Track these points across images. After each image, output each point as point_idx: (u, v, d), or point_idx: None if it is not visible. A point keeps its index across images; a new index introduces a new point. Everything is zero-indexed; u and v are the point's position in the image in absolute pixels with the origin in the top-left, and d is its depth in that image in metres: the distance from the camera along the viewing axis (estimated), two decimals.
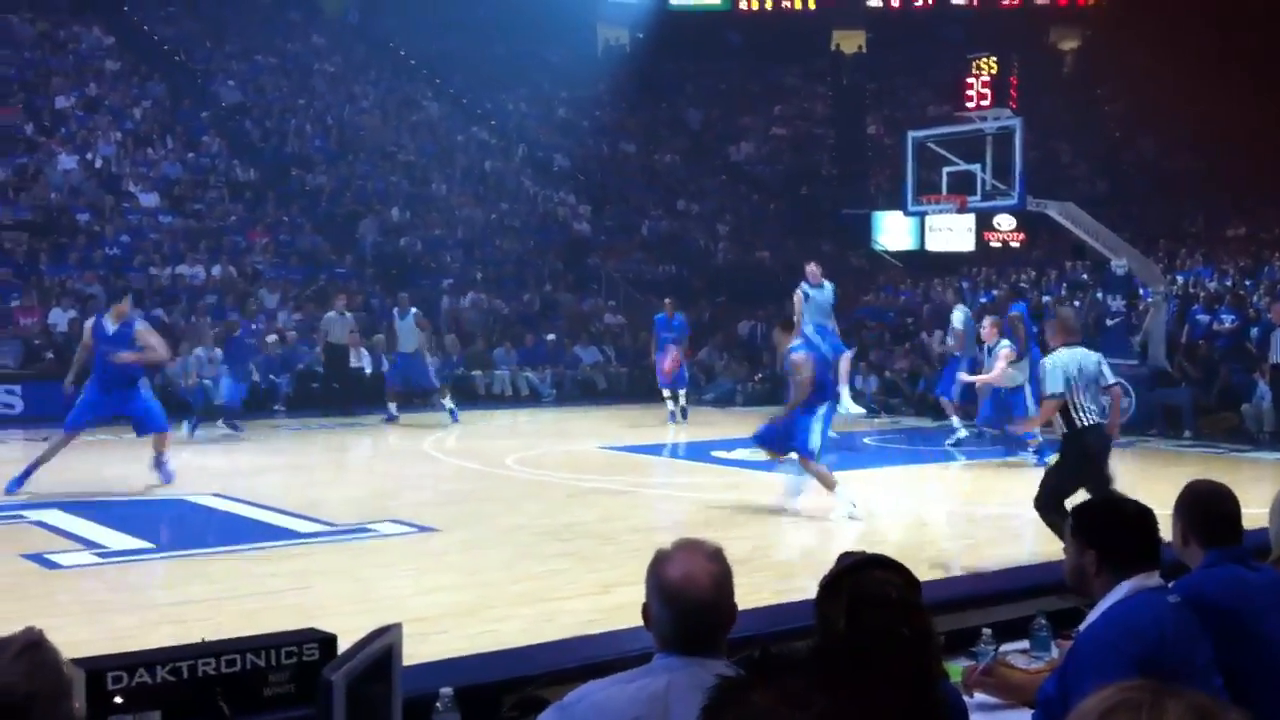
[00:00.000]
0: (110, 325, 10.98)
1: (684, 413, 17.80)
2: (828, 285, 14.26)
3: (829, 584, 2.62)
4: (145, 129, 25.79)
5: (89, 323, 11.54)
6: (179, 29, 30.83)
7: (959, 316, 15.54)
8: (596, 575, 7.94)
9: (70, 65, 26.90)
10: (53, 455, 10.93)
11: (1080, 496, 7.19)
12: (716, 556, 2.79)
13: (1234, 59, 33.59)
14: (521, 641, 5.61)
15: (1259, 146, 31.68)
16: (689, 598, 2.68)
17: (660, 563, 2.77)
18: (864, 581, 2.56)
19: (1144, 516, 3.32)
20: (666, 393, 17.95)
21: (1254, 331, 17.43)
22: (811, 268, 14.33)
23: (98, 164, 24.00)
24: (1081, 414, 7.68)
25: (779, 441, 10.01)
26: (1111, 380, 8.04)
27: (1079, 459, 7.76)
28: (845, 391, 14.63)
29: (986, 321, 13.98)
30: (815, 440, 9.73)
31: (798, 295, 14.02)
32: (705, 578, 2.72)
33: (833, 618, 2.53)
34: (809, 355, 10.05)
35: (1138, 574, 3.20)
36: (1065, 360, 7.76)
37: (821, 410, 9.96)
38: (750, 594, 6.78)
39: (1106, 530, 3.28)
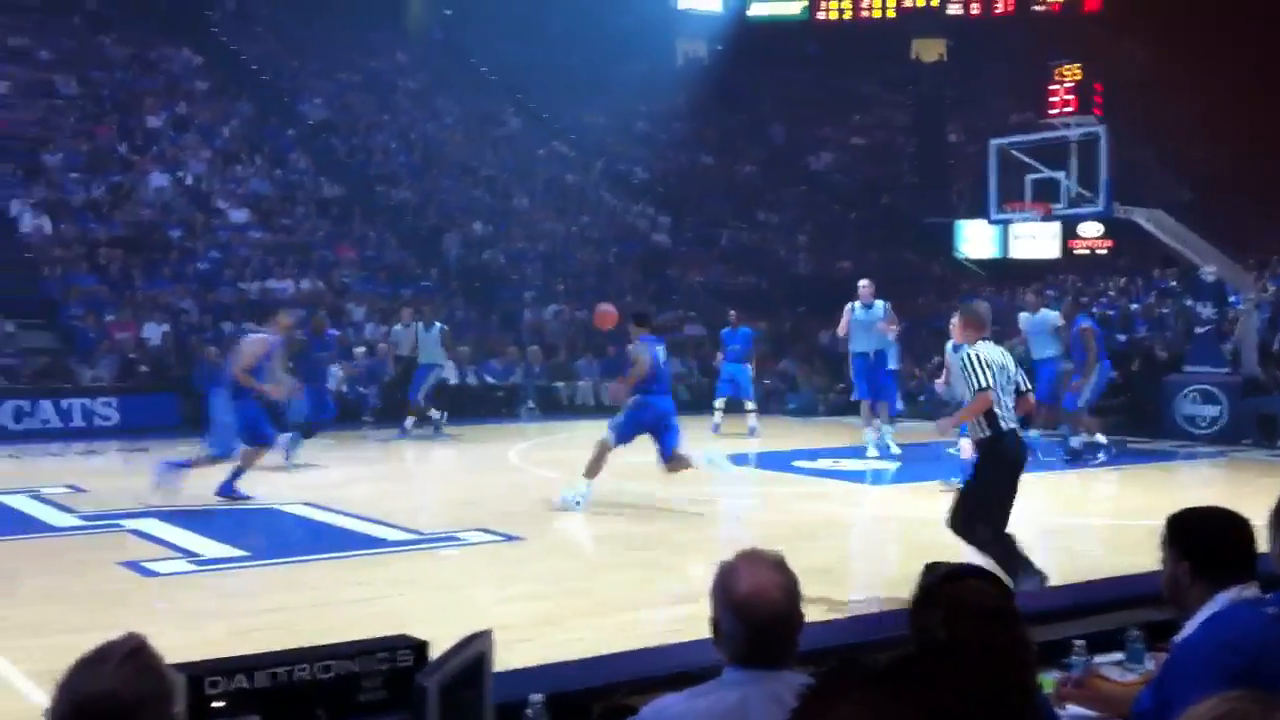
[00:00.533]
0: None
1: (729, 425, 17.73)
2: (878, 304, 14.14)
3: (925, 593, 2.59)
4: (234, 147, 26.32)
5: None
6: (265, 48, 31.44)
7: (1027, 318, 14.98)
8: (678, 585, 7.96)
9: (161, 85, 27.54)
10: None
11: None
12: (781, 566, 2.77)
13: None
14: (604, 650, 5.64)
15: None
16: (761, 610, 2.66)
17: (727, 576, 2.74)
18: (961, 591, 2.53)
19: (1241, 527, 3.24)
20: (719, 403, 17.89)
21: None
22: (863, 285, 14.27)
23: (188, 181, 24.52)
24: (1005, 416, 7.13)
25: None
26: (1026, 387, 7.44)
27: (1003, 466, 7.23)
28: (869, 433, 14.52)
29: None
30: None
31: (846, 310, 14.20)
32: (775, 589, 2.69)
33: (930, 627, 2.51)
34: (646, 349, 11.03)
35: (1234, 585, 3.13)
36: (990, 354, 7.19)
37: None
38: (831, 606, 6.79)
39: (1202, 540, 3.21)
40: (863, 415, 14.91)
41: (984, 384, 6.98)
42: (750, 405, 17.75)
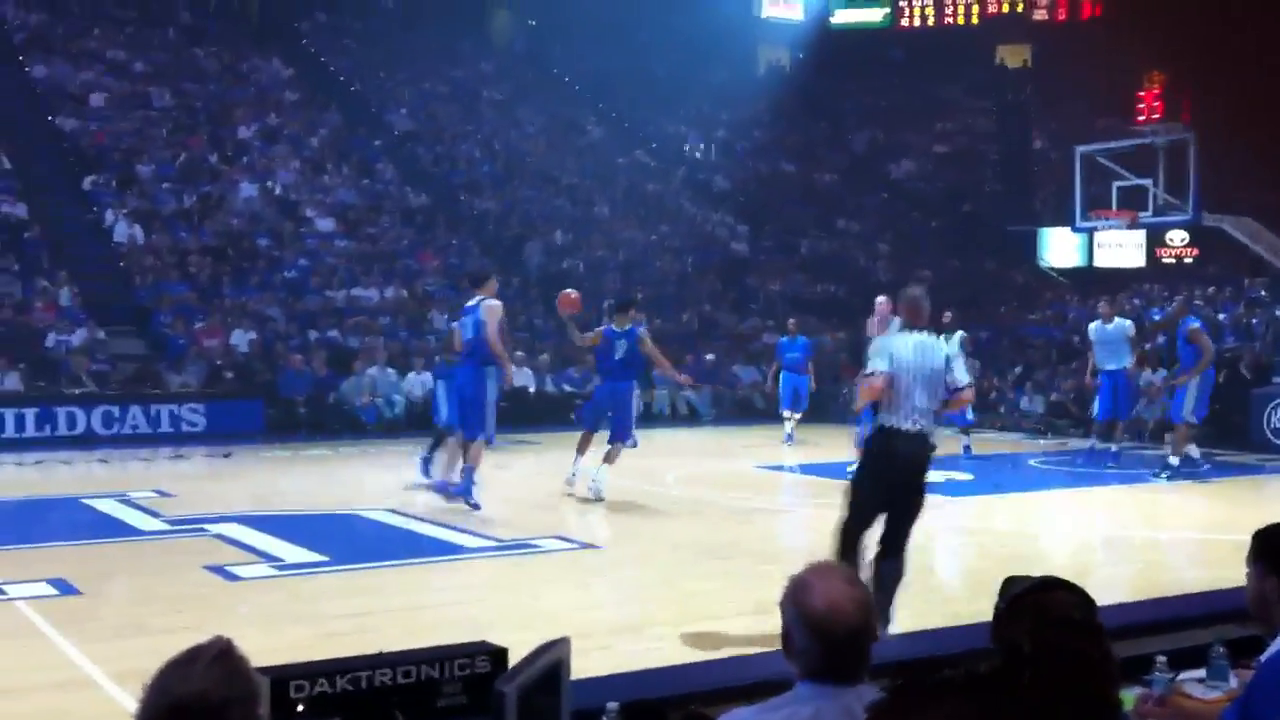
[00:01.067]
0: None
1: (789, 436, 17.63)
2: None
3: (1011, 604, 2.57)
4: (321, 157, 26.76)
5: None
6: (354, 59, 31.95)
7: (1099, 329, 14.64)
8: (755, 595, 7.93)
9: (251, 96, 28.09)
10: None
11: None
12: (855, 580, 2.75)
13: None
14: (681, 659, 5.66)
15: None
16: (837, 627, 2.63)
17: (800, 591, 2.70)
18: (1047, 603, 2.52)
19: None
20: (786, 414, 17.81)
21: None
22: (881, 302, 12.48)
23: (277, 191, 24.97)
24: (896, 412, 6.33)
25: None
26: (964, 381, 6.55)
27: (872, 464, 6.52)
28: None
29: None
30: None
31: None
32: (850, 604, 2.65)
33: (1016, 639, 2.48)
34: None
35: None
36: (900, 344, 6.41)
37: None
38: (907, 618, 6.74)
39: None
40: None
41: (872, 369, 6.36)
42: (795, 415, 17.66)
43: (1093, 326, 14.62)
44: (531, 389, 20.31)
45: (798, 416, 17.75)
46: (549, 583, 8.18)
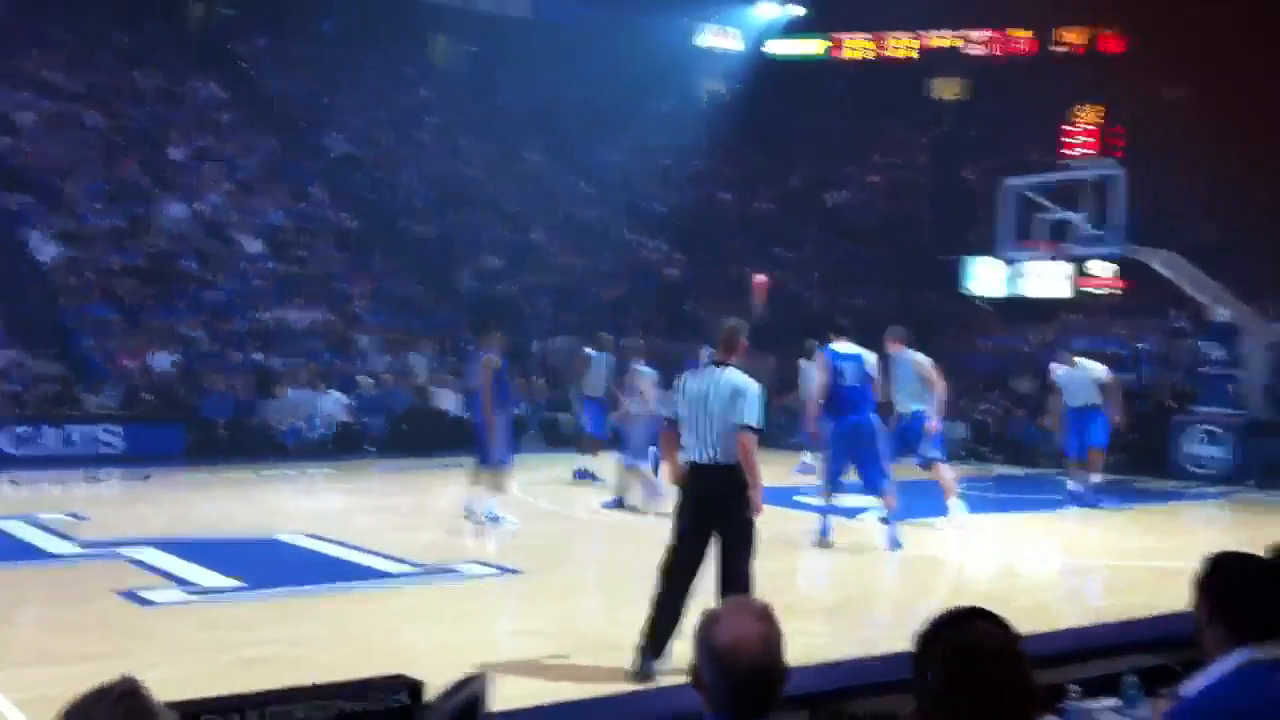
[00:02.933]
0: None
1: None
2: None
3: (928, 636, 2.53)
4: (254, 179, 26.48)
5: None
6: (293, 83, 31.67)
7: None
8: (686, 621, 7.89)
9: (187, 118, 27.75)
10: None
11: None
12: (765, 616, 2.69)
13: None
14: (606, 688, 5.58)
15: None
16: (740, 661, 2.60)
17: (708, 626, 2.68)
18: (965, 633, 2.48)
19: (1271, 578, 3.08)
20: None
21: None
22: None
23: (206, 213, 24.65)
24: (690, 448, 6.44)
25: None
26: (745, 420, 6.38)
27: (679, 501, 6.59)
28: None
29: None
30: None
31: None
32: (756, 640, 2.62)
33: (930, 670, 2.46)
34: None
35: (1258, 641, 2.98)
36: (691, 384, 6.58)
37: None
38: (832, 646, 6.72)
39: (1229, 589, 3.06)
40: None
41: (667, 414, 6.66)
42: None
43: (1062, 371, 14.53)
44: (452, 413, 20.20)
45: None
46: (471, 609, 8.08)
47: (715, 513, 6.45)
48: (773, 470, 17.05)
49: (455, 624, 7.57)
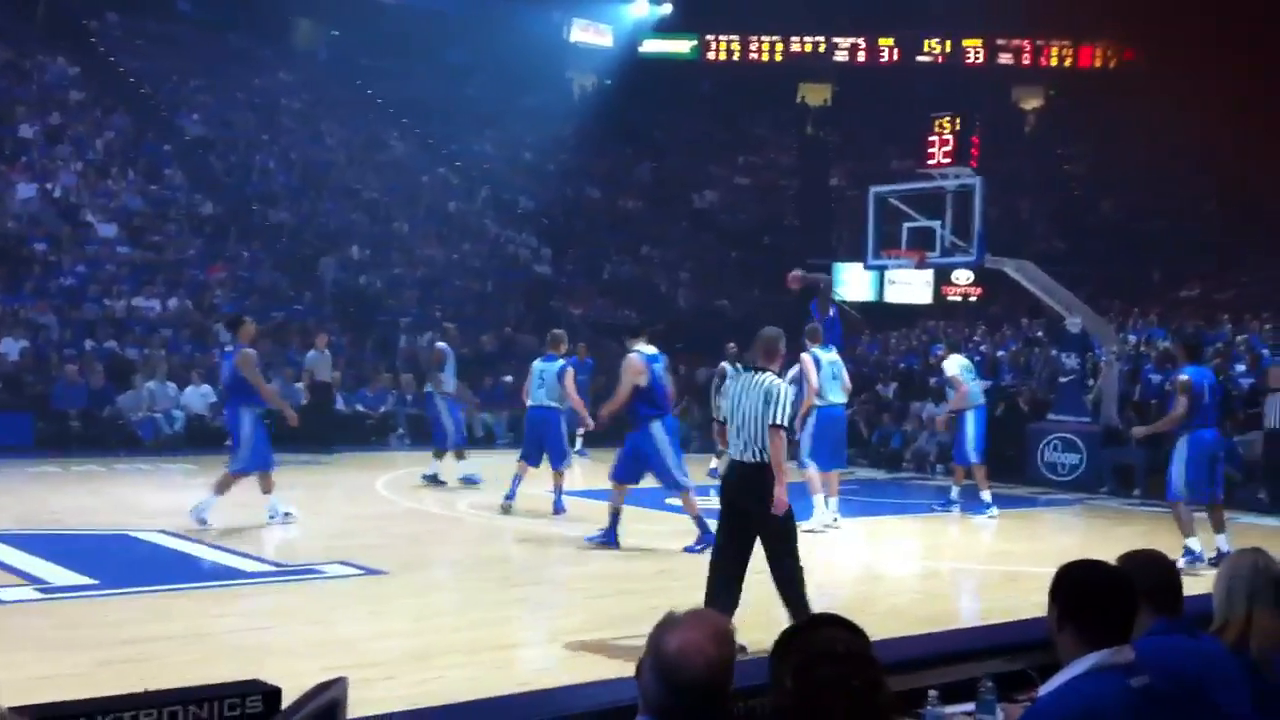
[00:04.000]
0: None
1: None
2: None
3: (780, 643, 2.60)
4: (107, 160, 25.64)
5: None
6: (146, 61, 30.72)
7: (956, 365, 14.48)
8: (549, 623, 7.90)
9: (34, 95, 26.72)
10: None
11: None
12: (719, 638, 2.67)
13: (1195, 125, 34.04)
14: (471, 689, 5.55)
15: (1218, 209, 32.18)
16: (681, 675, 2.60)
17: (662, 629, 2.67)
18: (814, 639, 2.55)
19: (1121, 587, 3.17)
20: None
21: None
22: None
23: (57, 194, 23.79)
24: (734, 448, 7.02)
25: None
26: (776, 421, 6.86)
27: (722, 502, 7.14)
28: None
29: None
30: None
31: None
32: (700, 659, 2.60)
33: (781, 675, 2.52)
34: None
35: (1107, 647, 3.08)
36: (730, 385, 7.31)
37: None
38: None
39: (1081, 596, 3.15)
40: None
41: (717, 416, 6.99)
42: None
43: (964, 364, 14.66)
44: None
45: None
46: (332, 610, 7.94)
47: (751, 507, 6.86)
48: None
49: (315, 626, 7.43)
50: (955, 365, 14.28)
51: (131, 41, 31.30)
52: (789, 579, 6.84)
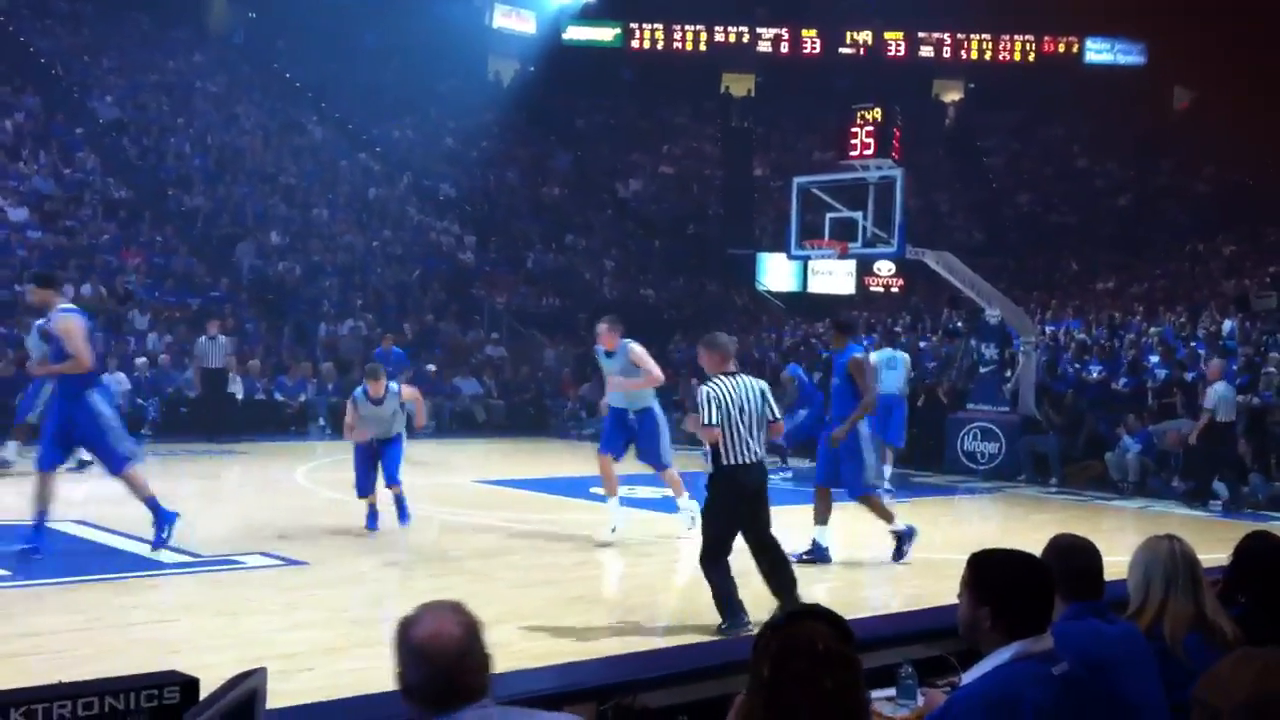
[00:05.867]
0: None
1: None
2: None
3: (763, 634, 2.60)
4: (16, 142, 25.02)
5: None
6: (57, 42, 30.03)
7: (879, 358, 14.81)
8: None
9: None
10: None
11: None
12: (459, 609, 2.80)
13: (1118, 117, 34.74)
14: (391, 680, 5.48)
15: (1131, 204, 32.87)
16: (444, 650, 2.69)
17: (405, 628, 2.76)
18: (794, 633, 2.54)
19: (1040, 576, 3.21)
20: None
21: (1123, 382, 18.02)
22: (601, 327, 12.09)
23: None
24: (734, 450, 7.22)
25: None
26: (774, 416, 7.50)
27: (722, 499, 7.33)
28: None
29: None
30: None
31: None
32: (453, 627, 2.72)
33: (760, 664, 2.52)
34: None
35: (1027, 636, 3.12)
36: (724, 389, 7.29)
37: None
38: (619, 638, 6.79)
39: (1002, 587, 3.17)
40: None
41: (709, 420, 7.18)
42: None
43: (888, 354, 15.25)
44: (240, 396, 19.57)
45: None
46: (250, 602, 7.82)
47: (760, 500, 7.46)
48: (566, 461, 17.14)
49: (231, 617, 7.32)
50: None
51: (40, 20, 30.56)
52: (778, 544, 7.55)
